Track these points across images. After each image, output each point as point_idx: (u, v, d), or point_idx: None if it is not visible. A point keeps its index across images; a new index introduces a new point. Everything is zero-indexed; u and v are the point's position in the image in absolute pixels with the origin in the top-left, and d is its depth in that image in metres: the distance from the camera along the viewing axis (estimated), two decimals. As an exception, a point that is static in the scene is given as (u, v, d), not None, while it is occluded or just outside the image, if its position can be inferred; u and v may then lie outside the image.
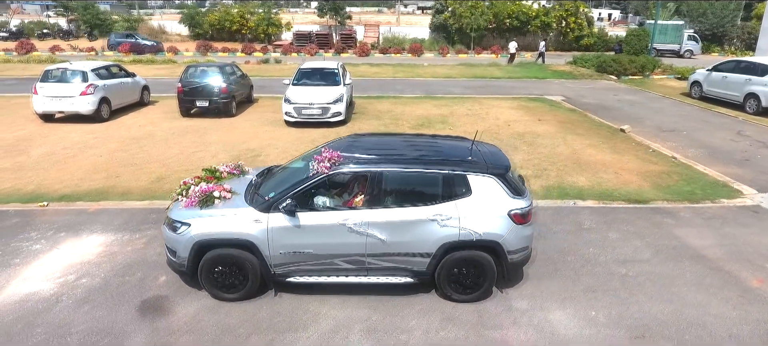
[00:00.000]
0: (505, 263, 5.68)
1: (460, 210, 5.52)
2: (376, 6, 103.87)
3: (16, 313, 5.43)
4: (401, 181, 5.69)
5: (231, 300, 5.68)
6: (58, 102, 13.33)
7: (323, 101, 13.61)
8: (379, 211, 5.50)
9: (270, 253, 5.54)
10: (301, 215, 5.47)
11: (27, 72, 24.92)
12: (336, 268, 5.69)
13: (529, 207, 5.71)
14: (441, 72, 28.37)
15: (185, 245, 5.55)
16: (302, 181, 5.63)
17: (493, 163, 5.87)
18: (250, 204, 5.67)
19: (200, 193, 5.82)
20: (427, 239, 5.52)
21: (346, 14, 45.92)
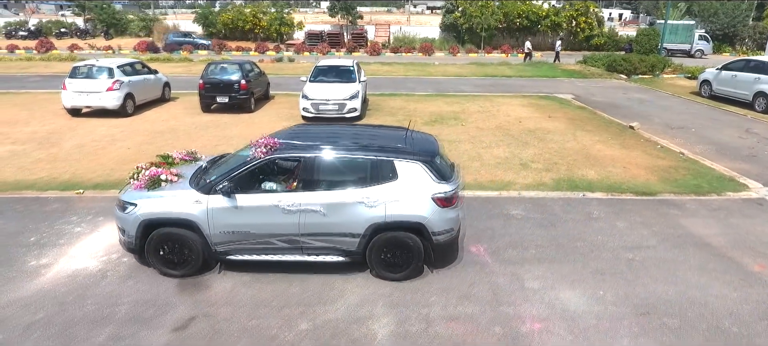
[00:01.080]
0: (431, 243, 6.04)
1: (387, 193, 5.91)
2: (386, 6, 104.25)
3: (68, 286, 5.91)
4: (332, 166, 6.09)
5: (177, 276, 6.10)
6: (86, 97, 13.91)
7: (339, 98, 14.06)
8: (311, 193, 5.91)
9: (210, 232, 5.96)
10: (238, 197, 5.90)
11: (48, 70, 25.66)
12: (273, 247, 6.09)
13: (453, 191, 6.04)
14: (452, 71, 28.73)
15: (132, 223, 6.00)
16: (241, 165, 6.07)
17: (420, 150, 6.26)
18: (193, 187, 6.12)
19: (149, 176, 6.29)
20: (356, 220, 5.91)
21: (358, 14, 46.40)
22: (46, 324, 5.20)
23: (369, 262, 6.14)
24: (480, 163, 10.88)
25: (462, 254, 6.84)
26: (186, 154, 7.30)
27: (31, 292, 5.78)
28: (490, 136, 13.29)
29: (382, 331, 5.20)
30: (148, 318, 5.35)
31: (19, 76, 23.40)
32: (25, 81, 21.88)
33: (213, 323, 5.30)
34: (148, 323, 5.28)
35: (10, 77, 23.10)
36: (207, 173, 6.49)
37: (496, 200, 8.94)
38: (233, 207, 5.89)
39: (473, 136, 13.25)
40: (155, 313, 5.44)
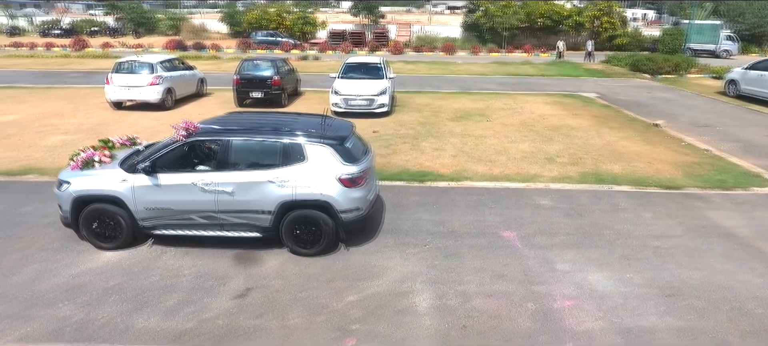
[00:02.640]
0: (338, 221, 6.48)
1: (296, 173, 6.37)
2: (405, 5, 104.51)
3: (134, 259, 6.49)
4: (246, 148, 6.59)
5: (108, 249, 6.64)
6: (129, 91, 14.65)
7: (369, 93, 14.54)
8: (225, 173, 6.40)
9: (136, 208, 6.51)
10: (160, 176, 6.44)
11: (84, 66, 26.74)
12: (194, 223, 6.60)
13: (358, 173, 6.51)
14: (474, 69, 29.02)
15: (66, 199, 6.57)
16: (162, 147, 6.66)
17: (330, 134, 6.69)
18: (120, 167, 6.68)
19: (84, 158, 6.89)
20: (267, 198, 6.38)
21: (380, 13, 46.91)
22: (120, 290, 5.77)
23: (282, 238, 6.59)
24: (507, 157, 11.22)
25: (492, 239, 7.24)
26: (126, 139, 7.98)
27: (102, 263, 6.37)
28: (515, 132, 13.60)
29: (424, 304, 5.64)
30: (209, 288, 5.88)
31: (59, 72, 24.47)
32: (65, 76, 22.90)
33: (268, 293, 5.80)
34: (210, 291, 5.81)
35: (51, 73, 24.17)
36: (139, 155, 6.98)
37: (524, 191, 9.29)
38: (155, 185, 6.45)
39: (498, 132, 13.59)
40: (215, 284, 5.97)
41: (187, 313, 5.39)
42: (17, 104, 16.33)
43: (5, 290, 5.74)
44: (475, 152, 11.58)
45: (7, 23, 46.66)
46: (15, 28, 45.13)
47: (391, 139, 12.62)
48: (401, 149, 11.70)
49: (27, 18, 49.46)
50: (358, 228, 6.88)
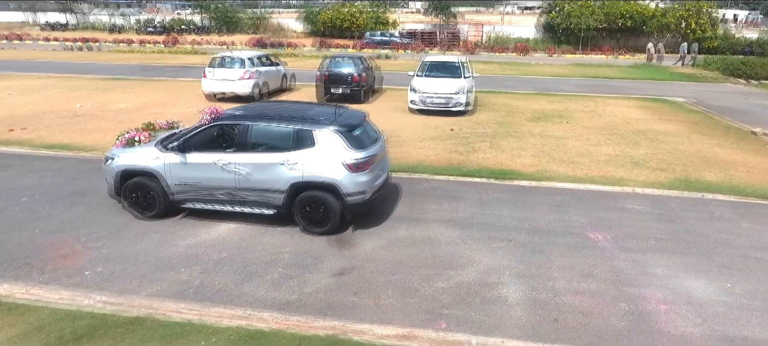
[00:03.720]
0: (344, 203, 6.86)
1: (306, 157, 6.86)
2: (474, 6, 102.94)
3: (239, 235, 7.10)
4: (263, 133, 7.16)
5: (146, 219, 7.39)
6: (223, 84, 15.77)
7: (447, 92, 14.69)
8: (244, 155, 7.01)
9: (168, 182, 7.26)
10: (188, 155, 7.16)
11: (178, 61, 28.91)
12: (217, 198, 7.26)
13: (363, 159, 6.89)
14: (550, 71, 28.29)
15: (112, 172, 7.47)
16: (191, 129, 7.47)
17: (340, 122, 7.09)
18: (156, 146, 7.40)
19: (128, 137, 7.96)
20: (280, 178, 6.91)
21: (452, 13, 46.76)
22: (230, 261, 6.36)
23: (294, 217, 7.09)
24: (590, 160, 10.98)
25: (579, 239, 7.19)
26: (167, 123, 9.02)
27: (212, 237, 7.02)
28: (598, 135, 13.23)
29: (513, 295, 5.76)
30: (308, 265, 6.34)
31: (156, 66, 26.65)
32: (162, 70, 24.91)
33: (362, 274, 6.15)
34: (309, 268, 6.26)
35: (149, 66, 26.38)
36: (173, 137, 7.67)
37: (610, 194, 9.08)
38: (183, 163, 7.18)
39: (580, 134, 13.27)
40: (313, 262, 6.42)
41: (290, 286, 5.86)
42: (125, 94, 18.07)
43: (135, 254, 6.50)
44: (556, 153, 11.42)
45: (109, 21, 51.24)
46: (115, 25, 49.52)
47: (470, 137, 12.71)
48: (480, 147, 11.77)
49: (125, 17, 54.06)
50: (364, 211, 7.27)
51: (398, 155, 11.03)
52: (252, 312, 5.33)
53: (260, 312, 5.34)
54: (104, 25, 50.75)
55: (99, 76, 22.51)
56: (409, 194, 8.86)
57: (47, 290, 5.65)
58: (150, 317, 5.20)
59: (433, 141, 12.29)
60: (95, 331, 4.97)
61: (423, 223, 7.65)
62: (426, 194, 8.89)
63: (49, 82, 20.82)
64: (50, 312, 5.27)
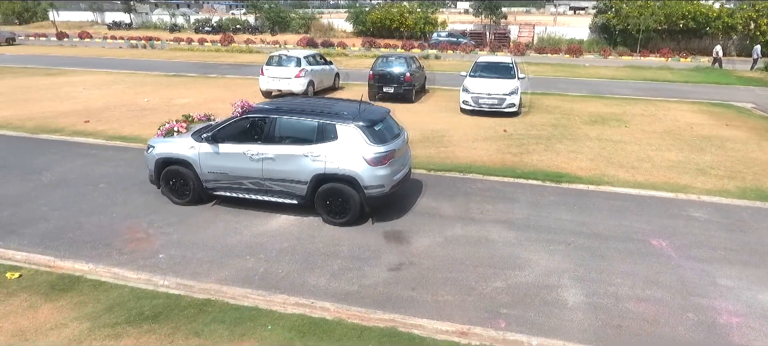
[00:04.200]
0: (363, 195, 7.03)
1: (328, 150, 7.09)
2: (525, 6, 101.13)
3: (298, 227, 7.34)
4: (289, 126, 7.44)
5: (181, 204, 7.84)
6: (278, 82, 16.26)
7: (500, 92, 14.54)
8: (270, 146, 7.30)
9: (201, 171, 7.69)
10: (220, 145, 7.54)
11: (233, 59, 29.99)
12: (245, 187, 7.61)
13: (382, 154, 7.06)
14: (605, 73, 27.38)
15: (151, 160, 7.96)
16: (223, 122, 7.88)
17: (363, 118, 7.26)
18: (191, 136, 7.81)
19: (167, 128, 8.58)
20: (303, 170, 7.18)
21: (502, 14, 46.08)
22: (291, 252, 6.60)
23: (316, 207, 7.35)
24: (651, 165, 10.59)
25: (641, 245, 6.97)
26: (203, 116, 9.68)
27: (274, 227, 7.30)
28: (659, 140, 12.72)
29: (573, 299, 5.67)
30: (366, 258, 6.48)
31: (213, 64, 27.75)
32: (219, 68, 25.92)
33: (419, 270, 6.23)
34: (367, 261, 6.40)
35: (207, 64, 27.51)
36: (208, 128, 8.08)
37: (673, 201, 8.74)
38: (215, 152, 7.57)
39: (639, 139, 12.81)
40: (371, 255, 6.55)
41: (350, 277, 6.02)
42: (187, 90, 18.95)
43: (203, 241, 6.86)
44: (614, 157, 11.09)
45: (170, 21, 53.78)
46: (175, 25, 51.91)
47: (523, 139, 12.53)
48: (534, 149, 11.59)
49: (185, 17, 56.58)
50: (383, 204, 7.44)
51: (450, 155, 11.04)
52: (314, 301, 5.52)
53: (322, 301, 5.51)
54: (165, 25, 53.30)
55: (162, 73, 23.70)
56: (464, 193, 8.86)
57: (127, 270, 6.06)
58: (220, 300, 5.48)
59: (485, 142, 12.20)
60: (171, 310, 5.29)
61: (478, 223, 7.65)
62: (480, 194, 8.86)
63: (118, 77, 22.12)
64: (130, 290, 5.65)
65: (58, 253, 6.46)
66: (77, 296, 5.50)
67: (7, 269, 6.04)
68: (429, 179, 9.62)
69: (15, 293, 5.55)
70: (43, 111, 14.64)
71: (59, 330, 4.91)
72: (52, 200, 8.12)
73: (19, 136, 12.06)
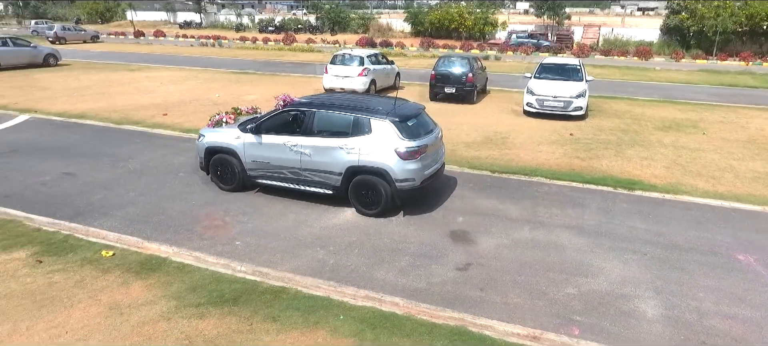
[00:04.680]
0: (394, 188, 7.25)
1: (362, 143, 7.36)
2: (588, 6, 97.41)
3: (366, 223, 7.47)
4: (326, 119, 7.76)
5: (226, 190, 8.38)
6: (341, 80, 16.59)
7: (566, 95, 14.12)
8: (308, 138, 7.65)
9: (245, 160, 8.14)
10: (263, 136, 7.96)
11: (296, 58, 30.88)
12: (285, 176, 7.98)
13: (413, 148, 7.27)
14: (677, 77, 25.90)
15: (201, 148, 8.55)
16: (266, 114, 8.36)
17: (397, 113, 7.49)
18: (237, 127, 8.27)
19: (217, 119, 9.29)
20: (338, 161, 7.48)
21: (565, 14, 44.63)
22: (360, 246, 6.74)
23: (350, 198, 7.63)
24: (733, 176, 9.93)
25: (726, 259, 6.57)
26: (250, 109, 10.46)
27: (341, 222, 7.48)
28: (742, 149, 11.90)
29: (651, 312, 5.43)
30: (434, 256, 6.51)
31: (277, 62, 28.71)
32: (283, 66, 26.79)
33: (487, 271, 6.19)
34: (435, 259, 6.43)
35: (271, 63, 28.50)
36: (253, 120, 8.49)
37: (761, 214, 8.17)
38: (258, 143, 8.01)
39: (719, 147, 12.04)
40: (438, 254, 6.58)
41: (418, 274, 6.07)
42: (254, 86, 19.72)
43: (275, 231, 7.14)
44: (692, 166, 10.49)
45: (235, 21, 56.15)
46: (240, 25, 54.14)
47: (591, 143, 12.11)
48: (604, 155, 11.17)
49: (250, 17, 58.89)
50: (412, 197, 7.59)
51: (514, 157, 10.85)
52: (384, 295, 5.61)
53: (391, 296, 5.59)
54: (231, 24, 55.68)
55: (230, 70, 24.79)
56: (530, 196, 8.70)
57: (207, 254, 6.42)
58: (293, 289, 5.69)
59: (551, 145, 11.89)
60: (248, 294, 5.55)
61: (546, 227, 7.48)
62: (547, 198, 8.66)
63: (191, 74, 23.37)
64: (210, 273, 5.98)
65: (145, 235, 6.94)
66: (164, 276, 5.89)
67: (103, 247, 6.56)
68: (493, 181, 9.51)
69: (110, 269, 6.02)
70: (125, 104, 15.72)
71: (150, 306, 5.28)
72: (137, 186, 8.73)
73: (106, 126, 13.03)
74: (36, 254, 6.35)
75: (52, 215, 7.48)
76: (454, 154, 10.98)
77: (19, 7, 70.58)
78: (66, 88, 18.76)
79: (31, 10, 69.46)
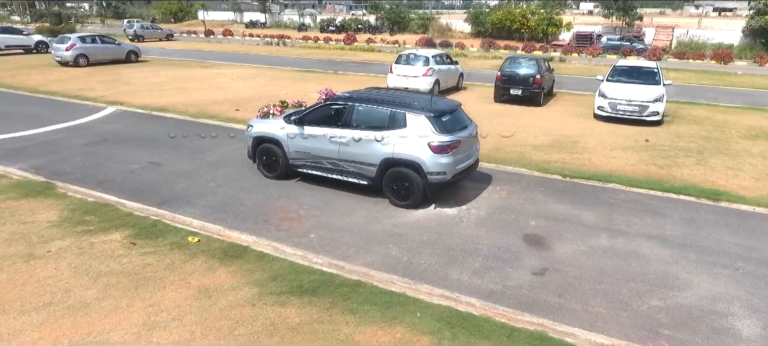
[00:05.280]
0: (426, 181, 7.49)
1: (396, 137, 7.67)
2: (658, 6, 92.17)
3: (437, 222, 7.48)
4: (364, 113, 8.07)
5: (270, 178, 8.77)
6: (405, 80, 16.66)
7: (642, 99, 13.47)
8: (346, 130, 8.01)
9: (288, 150, 8.60)
10: (305, 128, 8.40)
11: (358, 57, 31.36)
12: (324, 166, 8.38)
13: (446, 142, 7.49)
14: (762, 83, 24.00)
15: (250, 138, 9.09)
16: (309, 107, 8.98)
17: (432, 109, 7.74)
18: (284, 119, 8.75)
19: (265, 110, 9.89)
20: (374, 153, 7.82)
21: (637, 15, 42.52)
22: (432, 245, 6.76)
23: (383, 190, 7.94)
24: (836, 190, 9.10)
25: (835, 280, 6.04)
26: (297, 102, 10.91)
27: (412, 220, 7.52)
28: None
29: (748, 331, 5.09)
30: (507, 259, 6.41)
31: (340, 61, 29.25)
32: (345, 65, 27.25)
33: (565, 278, 6.02)
34: (509, 262, 6.33)
35: (334, 62, 29.07)
36: (297, 112, 9.01)
37: None
38: (300, 134, 8.45)
39: (817, 159, 11.06)
40: (512, 257, 6.47)
41: (493, 276, 6.00)
42: (319, 84, 20.02)
43: (348, 226, 7.29)
44: (786, 178, 9.71)
45: (298, 20, 57.75)
46: (303, 25, 55.61)
47: (669, 150, 11.48)
48: (684, 163, 10.56)
49: (312, 16, 60.36)
50: (443, 189, 7.81)
51: (587, 162, 10.49)
52: (459, 295, 5.59)
53: (467, 296, 5.57)
54: (294, 24, 57.28)
55: (295, 68, 25.53)
56: (606, 203, 8.38)
57: (285, 245, 6.66)
58: (369, 283, 5.79)
59: (625, 151, 11.38)
60: (326, 286, 5.71)
61: (625, 235, 7.18)
62: (624, 205, 8.31)
63: (259, 71, 24.28)
64: (289, 264, 6.20)
65: (226, 223, 7.29)
66: (246, 264, 6.16)
67: (188, 233, 6.95)
68: (565, 185, 9.24)
69: (196, 255, 6.37)
70: (200, 99, 16.57)
71: (235, 292, 5.55)
72: (216, 177, 9.18)
73: (185, 119, 13.79)
74: (129, 236, 6.83)
75: (142, 201, 8.02)
76: (523, 157, 10.76)
77: (102, 7, 76.10)
78: (147, 83, 20.04)
79: (112, 10, 74.69)
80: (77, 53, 23.79)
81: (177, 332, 4.84)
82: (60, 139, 11.60)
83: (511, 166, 10.19)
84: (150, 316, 5.08)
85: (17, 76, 20.97)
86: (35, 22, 55.34)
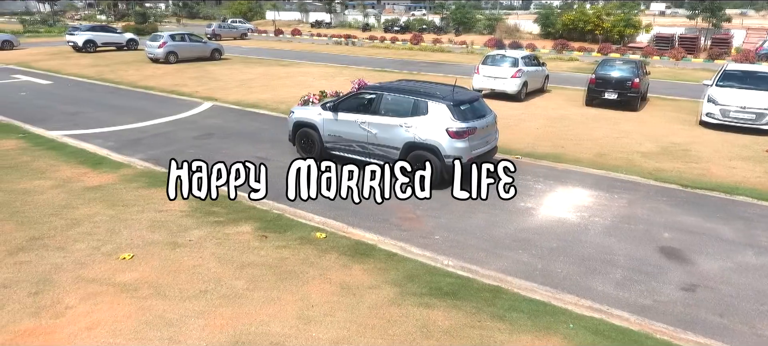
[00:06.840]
0: (443, 163, 8.19)
1: (419, 123, 8.43)
2: (739, 7, 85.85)
3: (563, 229, 7.22)
4: (391, 101, 8.89)
5: (308, 158, 8.46)
6: (492, 81, 16.34)
7: (759, 106, 12.48)
8: (375, 117, 8.86)
9: (323, 134, 9.50)
10: (338, 114, 9.26)
11: (428, 58, 31.28)
12: (354, 149, 9.22)
13: (462, 129, 8.18)
14: None
15: (291, 123, 10.11)
16: (343, 96, 9.86)
17: (452, 98, 8.42)
18: (320, 106, 9.71)
19: (305, 98, 10.80)
20: (397, 138, 8.63)
21: (725, 16, 39.73)
22: (563, 252, 6.51)
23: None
24: None
25: None
26: (334, 93, 11.24)
27: (535, 226, 7.32)
28: None
29: None
30: (649, 272, 6.07)
31: (411, 61, 29.22)
32: (418, 66, 27.17)
33: (720, 296, 5.60)
34: (652, 275, 6.00)
35: (405, 62, 29.07)
36: (332, 100, 9.82)
37: None
38: (334, 119, 9.32)
39: None
40: (653, 270, 6.13)
41: (640, 290, 5.69)
42: (399, 85, 20.25)
43: (469, 229, 7.18)
44: None
45: (362, 21, 58.30)
46: (367, 25, 56.07)
47: (798, 162, 10.56)
48: (819, 177, 9.67)
49: (376, 16, 60.79)
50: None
51: (705, 172, 9.84)
52: (609, 308, 5.34)
53: (618, 310, 5.30)
54: (358, 24, 57.88)
55: (369, 68, 25.73)
56: (740, 217, 7.81)
57: (411, 246, 6.63)
58: (510, 290, 5.64)
59: (745, 161, 10.58)
60: (465, 290, 5.62)
61: (774, 254, 6.63)
62: (762, 220, 7.71)
63: (336, 70, 24.67)
64: (420, 265, 6.16)
65: (346, 220, 7.37)
66: (377, 263, 6.18)
67: (311, 228, 7.09)
68: (687, 196, 8.70)
69: (327, 251, 6.47)
70: (288, 96, 16.97)
71: (376, 291, 5.56)
72: (325, 174, 9.32)
73: (278, 116, 14.16)
74: (259, 229, 7.04)
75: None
76: (632, 165, 10.24)
77: (179, 6, 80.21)
78: (234, 79, 20.84)
79: (187, 11, 78.52)
80: (168, 50, 25.15)
81: (333, 328, 4.90)
82: (170, 132, 12.24)
83: (622, 174, 9.72)
84: (302, 310, 5.18)
85: (117, 72, 22.44)
86: (119, 20, 59.12)
